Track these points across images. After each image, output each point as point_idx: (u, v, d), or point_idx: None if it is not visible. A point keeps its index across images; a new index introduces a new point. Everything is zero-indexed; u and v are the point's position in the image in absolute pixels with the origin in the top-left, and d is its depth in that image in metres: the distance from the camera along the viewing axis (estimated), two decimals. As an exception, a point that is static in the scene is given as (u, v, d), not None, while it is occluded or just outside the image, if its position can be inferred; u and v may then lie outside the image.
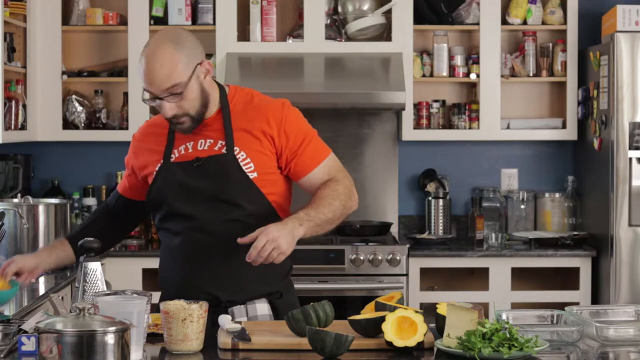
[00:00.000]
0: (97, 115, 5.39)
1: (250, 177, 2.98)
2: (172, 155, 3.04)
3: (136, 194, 3.21)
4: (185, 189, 3.01)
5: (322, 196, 2.98)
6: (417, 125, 5.42)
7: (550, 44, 5.43)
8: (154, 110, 5.38)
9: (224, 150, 3.00)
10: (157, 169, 3.06)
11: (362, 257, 4.90)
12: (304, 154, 3.03)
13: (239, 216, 2.99)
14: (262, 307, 3.03)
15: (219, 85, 3.08)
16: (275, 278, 3.07)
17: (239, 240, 2.85)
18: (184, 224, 3.02)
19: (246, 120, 3.02)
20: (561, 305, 3.12)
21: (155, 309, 2.74)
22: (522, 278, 5.20)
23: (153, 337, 2.72)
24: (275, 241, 2.79)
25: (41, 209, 4.34)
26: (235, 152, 2.99)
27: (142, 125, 3.23)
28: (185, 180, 3.01)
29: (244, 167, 2.98)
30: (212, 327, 2.75)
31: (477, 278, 5.16)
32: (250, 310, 3.02)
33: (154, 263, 5.00)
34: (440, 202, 5.40)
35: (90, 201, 5.37)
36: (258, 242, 2.79)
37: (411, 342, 2.57)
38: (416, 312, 2.62)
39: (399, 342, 2.57)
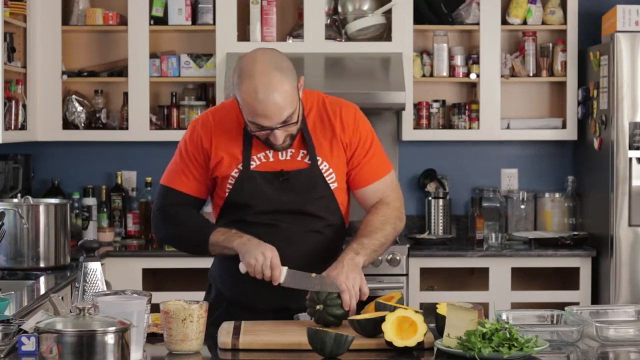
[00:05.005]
0: (97, 115, 5.38)
1: (332, 188, 2.98)
2: (252, 163, 2.96)
3: (204, 192, 3.05)
4: (269, 200, 2.96)
5: (373, 222, 2.97)
6: (417, 125, 5.41)
7: (550, 44, 5.42)
8: (154, 111, 5.38)
9: (307, 160, 2.96)
10: (234, 174, 2.96)
11: (362, 257, 4.89)
12: (367, 165, 3.01)
13: (319, 227, 3.00)
14: None
15: None
16: None
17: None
18: (262, 230, 2.94)
19: (323, 127, 2.99)
20: (561, 305, 3.11)
21: (155, 309, 2.74)
22: (522, 278, 5.20)
23: (153, 337, 2.72)
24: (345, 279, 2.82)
25: (41, 209, 4.33)
26: (319, 163, 2.96)
27: (206, 115, 3.04)
28: (269, 192, 2.95)
29: (327, 180, 2.97)
30: (212, 327, 2.75)
31: (477, 278, 5.15)
32: None
33: (154, 263, 5.06)
34: (440, 202, 5.40)
35: (90, 201, 5.36)
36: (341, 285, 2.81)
37: (411, 342, 2.57)
38: (416, 312, 2.62)
39: (399, 342, 2.57)
